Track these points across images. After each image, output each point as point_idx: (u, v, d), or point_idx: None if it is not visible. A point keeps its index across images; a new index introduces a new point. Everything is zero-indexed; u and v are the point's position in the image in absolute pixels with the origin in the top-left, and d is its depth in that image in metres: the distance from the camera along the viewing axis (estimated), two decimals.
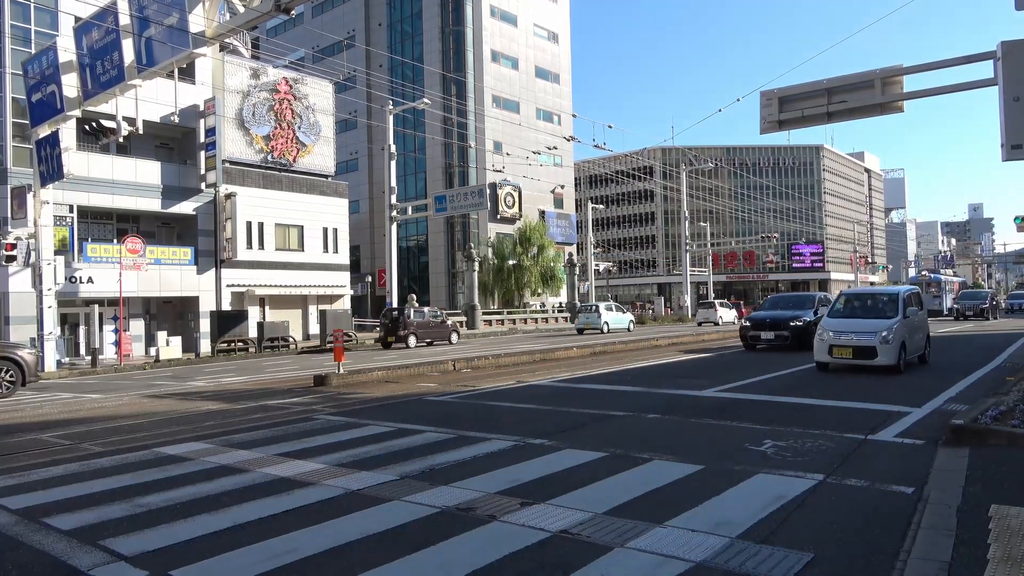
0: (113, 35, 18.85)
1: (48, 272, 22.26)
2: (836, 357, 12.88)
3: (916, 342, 13.58)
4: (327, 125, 37.33)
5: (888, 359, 12.37)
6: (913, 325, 13.39)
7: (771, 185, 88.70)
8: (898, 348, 12.43)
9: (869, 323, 12.94)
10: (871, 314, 13.49)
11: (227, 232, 32.02)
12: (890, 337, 12.39)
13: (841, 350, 12.79)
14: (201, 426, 9.49)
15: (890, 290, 14.44)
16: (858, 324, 13.09)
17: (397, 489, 5.71)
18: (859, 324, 13.08)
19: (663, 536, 4.40)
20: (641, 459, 6.51)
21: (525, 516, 4.88)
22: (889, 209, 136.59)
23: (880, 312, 13.41)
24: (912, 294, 14.24)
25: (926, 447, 6.72)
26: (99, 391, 14.93)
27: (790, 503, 5.05)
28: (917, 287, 14.01)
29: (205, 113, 31.94)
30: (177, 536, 4.69)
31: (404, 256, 53.78)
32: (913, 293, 14.35)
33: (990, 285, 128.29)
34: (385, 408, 10.75)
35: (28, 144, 24.32)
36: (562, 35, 62.98)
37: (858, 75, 12.34)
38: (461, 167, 55.46)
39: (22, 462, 7.44)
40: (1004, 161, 9.64)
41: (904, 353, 12.72)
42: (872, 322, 12.94)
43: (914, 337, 13.42)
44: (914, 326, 13.49)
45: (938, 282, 50.20)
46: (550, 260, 50.67)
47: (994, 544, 3.96)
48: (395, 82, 48.90)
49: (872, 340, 12.47)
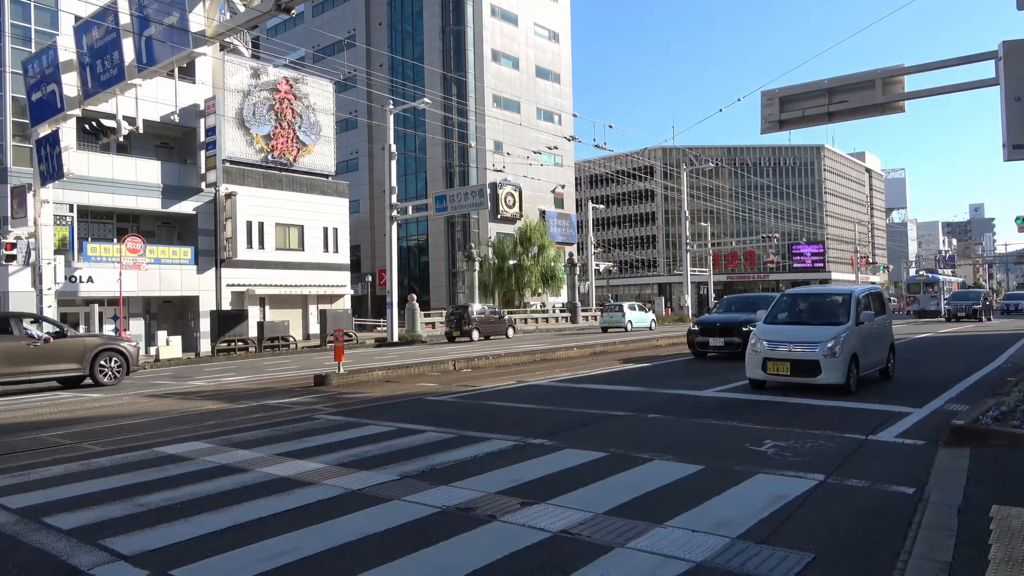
0: (113, 34, 18.86)
1: (48, 271, 22.27)
2: (772, 373, 10.52)
3: (874, 354, 11.37)
4: (327, 125, 37.34)
5: (834, 376, 10.06)
6: (869, 334, 11.12)
7: (772, 185, 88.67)
8: (847, 362, 10.14)
9: (813, 331, 10.62)
10: (818, 319, 11.26)
11: (227, 232, 32.03)
12: (837, 349, 10.05)
13: (777, 364, 10.45)
14: (201, 426, 9.48)
15: (842, 290, 12.01)
16: (799, 332, 10.77)
17: (397, 489, 5.71)
18: (801, 332, 10.75)
19: (663, 536, 4.39)
20: (641, 459, 6.51)
21: (525, 516, 4.88)
22: (890, 209, 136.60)
23: (828, 317, 11.18)
24: (870, 295, 11.97)
25: (927, 447, 6.71)
26: (100, 390, 14.93)
27: (791, 503, 5.04)
28: (880, 287, 11.81)
29: (205, 112, 31.95)
30: (177, 536, 4.69)
31: (404, 256, 53.79)
32: (872, 294, 12.12)
33: (991, 286, 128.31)
34: (385, 408, 10.75)
35: (28, 143, 24.33)
36: (563, 35, 62.98)
37: (859, 75, 12.33)
38: (461, 167, 55.47)
39: (22, 461, 7.44)
40: (1005, 161, 9.65)
41: (856, 369, 10.40)
42: (817, 329, 10.64)
43: (871, 348, 11.17)
44: (871, 335, 11.20)
45: (936, 282, 49.27)
46: (550, 260, 50.67)
47: (995, 545, 3.95)
48: (395, 81, 48.91)
49: (814, 352, 10.12)
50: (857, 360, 10.44)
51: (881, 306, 12.34)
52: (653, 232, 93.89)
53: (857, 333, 10.59)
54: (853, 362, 10.32)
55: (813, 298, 12.24)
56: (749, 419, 8.44)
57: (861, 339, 10.68)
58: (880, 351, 11.75)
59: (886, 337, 12.19)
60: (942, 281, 50.65)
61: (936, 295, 44.50)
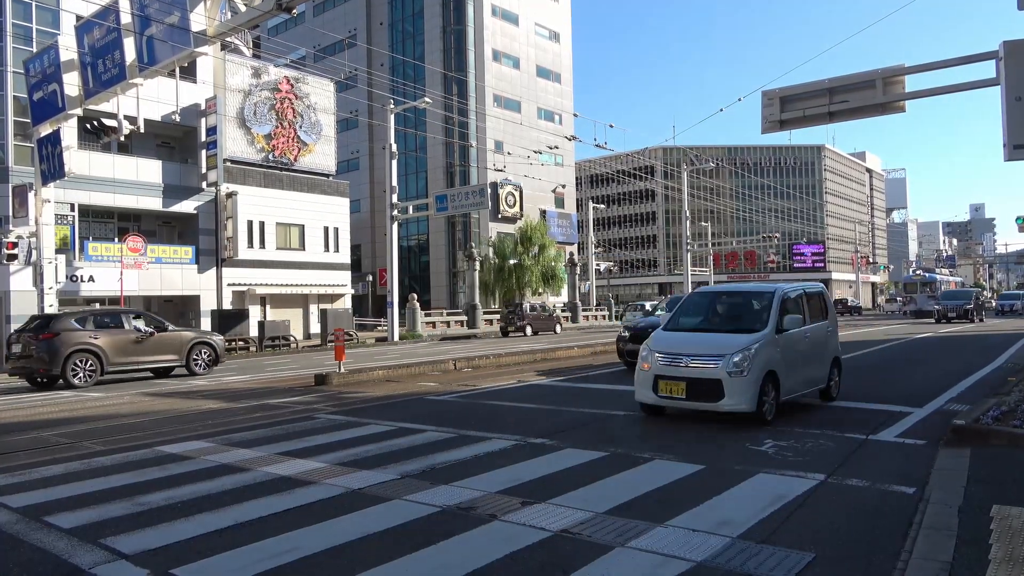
0: (114, 34, 18.87)
1: (49, 271, 22.27)
2: (665, 395, 8.20)
3: (806, 371, 9.02)
4: (328, 124, 37.35)
5: (740, 400, 7.78)
6: (798, 345, 8.80)
7: (772, 185, 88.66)
8: (758, 382, 7.83)
9: (718, 341, 8.36)
10: (729, 325, 8.98)
11: (228, 231, 32.04)
12: (745, 364, 7.79)
13: (671, 384, 8.13)
14: (202, 425, 9.49)
15: (763, 288, 9.42)
16: (701, 342, 8.49)
17: (398, 488, 5.71)
18: (703, 342, 8.48)
19: (664, 536, 4.40)
20: (642, 459, 6.51)
21: (526, 515, 4.88)
22: (890, 209, 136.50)
23: (742, 323, 8.84)
24: (803, 296, 9.38)
25: (927, 447, 6.72)
26: (101, 390, 14.94)
27: (791, 503, 5.05)
28: (821, 286, 10.32)
29: (206, 112, 31.95)
30: (178, 535, 4.69)
31: (405, 255, 53.77)
32: (808, 295, 9.54)
33: (992, 286, 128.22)
34: (386, 407, 10.75)
35: (29, 143, 24.34)
36: (563, 34, 62.97)
37: (860, 75, 12.32)
38: (462, 166, 55.46)
39: (23, 460, 7.44)
40: (1006, 161, 9.64)
41: (774, 391, 8.15)
42: (724, 339, 8.37)
43: (800, 363, 8.81)
44: (800, 346, 8.88)
45: (933, 281, 48.55)
46: (551, 259, 50.65)
47: (996, 544, 3.95)
48: (396, 81, 48.88)
49: (715, 369, 7.86)
50: (776, 379, 8.16)
51: (821, 310, 9.91)
52: (654, 232, 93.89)
53: (776, 344, 8.32)
54: (769, 382, 8.03)
55: (726, 298, 9.92)
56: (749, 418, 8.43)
57: (784, 351, 8.41)
58: (817, 367, 9.35)
59: (826, 349, 9.71)
60: (939, 281, 50.16)
61: (934, 295, 43.85)
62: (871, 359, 16.57)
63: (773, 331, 8.38)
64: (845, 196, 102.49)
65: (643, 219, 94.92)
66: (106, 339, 15.99)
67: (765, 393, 7.99)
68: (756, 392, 7.86)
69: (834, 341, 10.14)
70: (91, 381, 15.61)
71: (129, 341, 16.40)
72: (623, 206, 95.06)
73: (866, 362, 15.84)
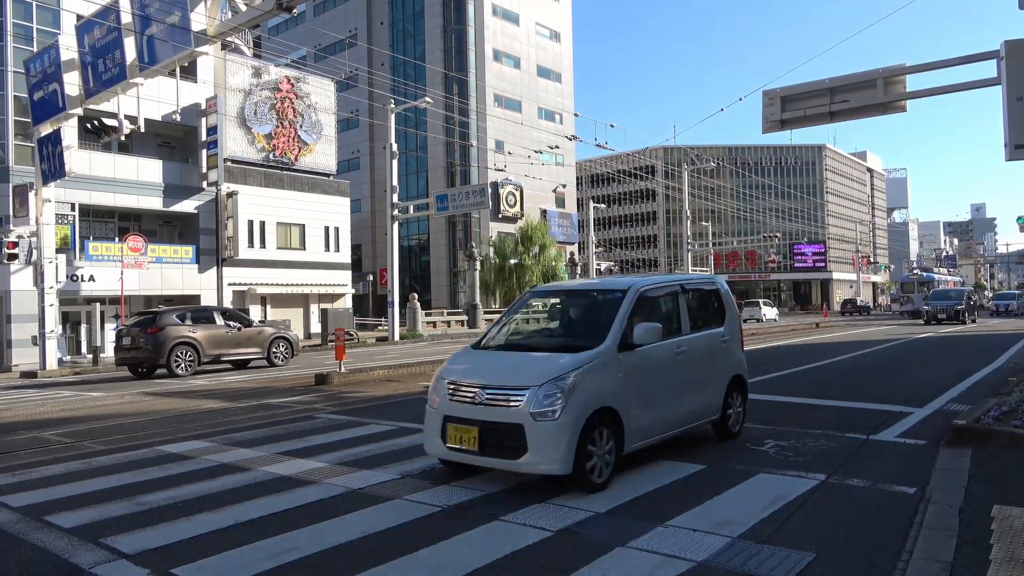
0: (115, 33, 18.87)
1: (50, 270, 22.27)
2: (455, 447, 5.60)
3: (680, 402, 6.44)
4: (329, 124, 37.35)
5: (548, 457, 5.22)
6: (661, 365, 6.27)
7: (773, 185, 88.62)
8: (576, 430, 5.26)
9: (529, 363, 5.78)
10: (558, 339, 6.59)
11: (228, 231, 32.05)
12: (558, 402, 5.28)
13: (461, 432, 5.56)
14: (202, 424, 9.49)
15: (614, 284, 6.79)
16: (507, 366, 5.92)
17: (398, 488, 5.71)
18: (508, 366, 5.91)
19: (664, 535, 4.40)
20: (642, 458, 6.50)
21: (526, 515, 4.88)
22: (891, 209, 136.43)
23: (576, 335, 6.40)
24: (675, 294, 6.91)
25: (928, 447, 6.71)
26: (102, 389, 14.94)
27: (792, 503, 5.04)
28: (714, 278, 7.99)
29: (207, 111, 31.96)
30: (178, 534, 4.69)
31: (405, 255, 53.77)
32: (688, 291, 7.10)
33: (993, 285, 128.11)
34: (386, 407, 10.75)
35: (30, 142, 24.34)
36: (564, 34, 62.95)
37: (861, 74, 12.30)
38: (463, 166, 55.46)
39: (23, 460, 7.44)
40: (1007, 161, 9.62)
41: (613, 440, 5.61)
42: (538, 360, 5.79)
43: (666, 393, 6.28)
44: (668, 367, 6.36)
45: (930, 281, 47.35)
46: (552, 259, 50.65)
47: (997, 544, 3.95)
48: (397, 81, 48.88)
49: (517, 409, 5.33)
50: (617, 420, 5.60)
51: (713, 313, 7.39)
52: (654, 231, 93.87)
53: (619, 366, 5.73)
54: (602, 425, 5.47)
55: (567, 300, 7.19)
56: (750, 418, 8.42)
57: (633, 376, 5.83)
58: (703, 392, 6.77)
59: (719, 366, 7.10)
60: (937, 280, 49.39)
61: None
62: (871, 359, 16.56)
63: (614, 347, 5.70)
64: (846, 196, 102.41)
65: (644, 219, 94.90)
66: (202, 333, 17.47)
67: (593, 443, 5.35)
68: (572, 444, 5.17)
69: (735, 355, 7.40)
70: (190, 371, 17.01)
71: (221, 335, 17.87)
72: (624, 206, 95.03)
73: (865, 362, 15.84)
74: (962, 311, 34.09)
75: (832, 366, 14.95)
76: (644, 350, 5.97)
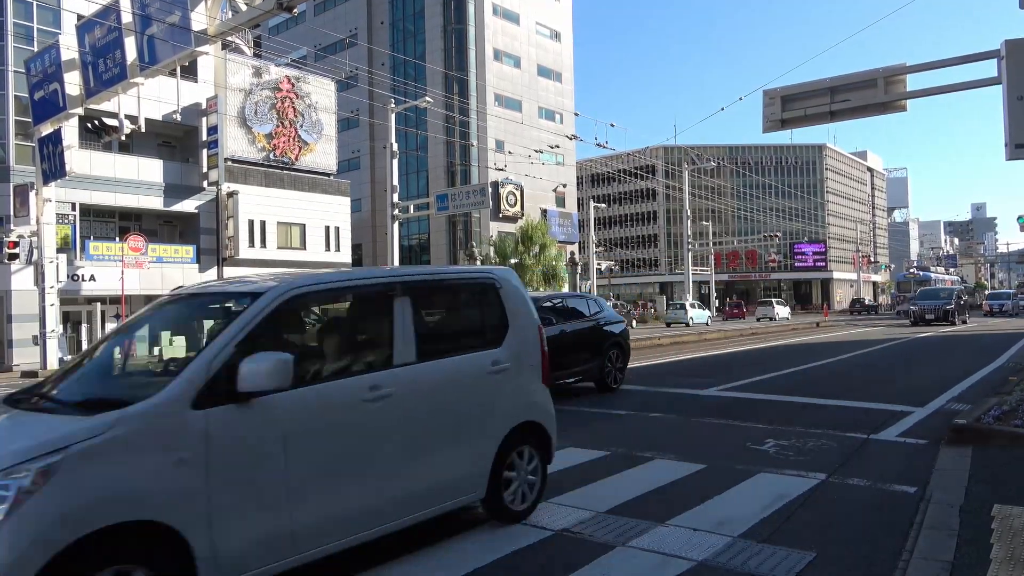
0: (115, 33, 18.86)
1: (50, 270, 22.27)
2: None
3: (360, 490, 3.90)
4: (329, 123, 37.35)
5: None
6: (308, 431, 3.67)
7: (773, 184, 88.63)
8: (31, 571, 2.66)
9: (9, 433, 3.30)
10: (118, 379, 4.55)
11: (229, 230, 32.05)
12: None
13: None
14: None
15: (246, 285, 4.18)
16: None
17: None
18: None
19: (665, 535, 4.40)
20: (643, 458, 6.51)
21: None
22: (892, 208, 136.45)
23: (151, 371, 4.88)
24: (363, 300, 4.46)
25: (928, 447, 6.71)
26: None
27: (792, 502, 5.05)
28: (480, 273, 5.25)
29: (207, 111, 31.96)
30: None
31: (406, 255, 53.78)
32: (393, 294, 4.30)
33: (993, 285, 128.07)
34: None
35: (30, 142, 24.34)
36: (564, 33, 62.94)
37: (861, 74, 12.30)
38: (463, 166, 55.47)
39: None
40: (1008, 160, 9.61)
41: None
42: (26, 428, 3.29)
43: (323, 478, 3.71)
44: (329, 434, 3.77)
45: (928, 280, 46.28)
46: (552, 259, 50.62)
47: (997, 544, 3.95)
48: (397, 80, 48.88)
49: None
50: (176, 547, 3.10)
51: (480, 325, 5.12)
52: (655, 231, 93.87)
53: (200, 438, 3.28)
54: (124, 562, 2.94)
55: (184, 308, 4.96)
56: (751, 418, 8.43)
57: (242, 454, 3.43)
58: (441, 459, 4.34)
59: (485, 412, 4.66)
60: (935, 279, 48.64)
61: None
62: (871, 358, 16.56)
63: (182, 400, 3.29)
64: (846, 195, 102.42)
65: (644, 218, 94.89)
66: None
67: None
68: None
69: (521, 392, 5.02)
70: None
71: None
72: (624, 205, 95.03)
73: (865, 361, 15.84)
74: (951, 311, 31.79)
75: (832, 366, 14.94)
76: (274, 400, 3.48)
